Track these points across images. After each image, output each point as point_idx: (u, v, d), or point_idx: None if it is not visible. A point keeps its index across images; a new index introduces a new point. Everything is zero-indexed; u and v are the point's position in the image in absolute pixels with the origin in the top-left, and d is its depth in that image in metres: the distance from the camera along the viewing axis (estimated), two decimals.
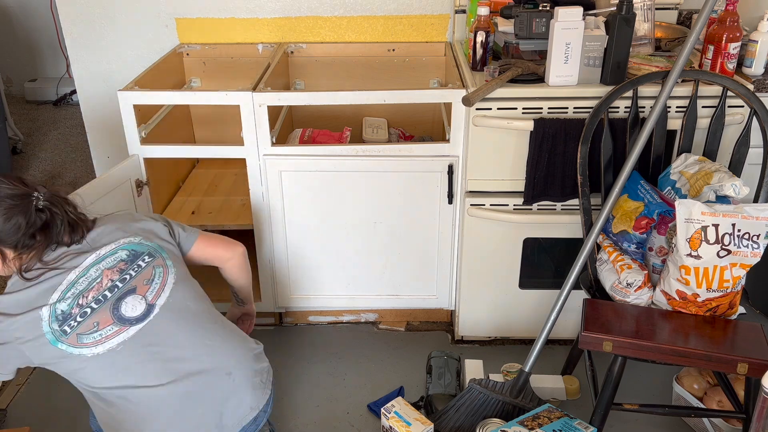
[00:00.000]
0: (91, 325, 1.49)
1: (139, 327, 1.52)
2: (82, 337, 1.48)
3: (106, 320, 1.50)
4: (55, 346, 1.47)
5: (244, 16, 2.57)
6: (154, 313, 1.54)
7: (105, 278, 1.53)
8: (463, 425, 1.92)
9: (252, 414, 1.63)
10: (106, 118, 2.73)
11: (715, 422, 1.91)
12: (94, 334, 1.49)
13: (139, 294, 1.55)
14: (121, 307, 1.52)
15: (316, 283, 2.36)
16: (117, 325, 1.51)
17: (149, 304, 1.55)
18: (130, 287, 1.55)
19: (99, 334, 1.49)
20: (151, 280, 1.58)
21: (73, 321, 1.48)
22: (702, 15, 1.80)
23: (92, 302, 1.51)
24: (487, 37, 2.10)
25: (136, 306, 1.54)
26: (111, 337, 1.50)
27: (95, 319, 1.50)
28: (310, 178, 2.17)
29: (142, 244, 1.62)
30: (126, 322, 1.51)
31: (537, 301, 2.28)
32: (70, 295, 1.50)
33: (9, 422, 2.09)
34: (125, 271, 1.56)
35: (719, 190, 1.76)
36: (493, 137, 2.03)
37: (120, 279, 1.55)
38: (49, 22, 4.76)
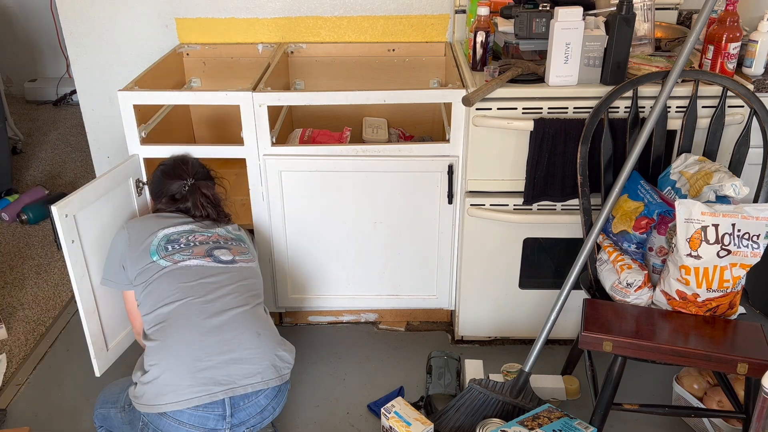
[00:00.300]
0: (188, 252, 1.86)
1: (219, 265, 1.86)
2: (175, 255, 1.84)
3: (200, 253, 1.86)
4: (152, 257, 1.84)
5: (244, 16, 2.57)
6: (233, 266, 1.88)
7: (215, 236, 1.94)
8: (463, 425, 1.92)
9: (258, 387, 1.72)
10: (106, 118, 2.73)
11: (715, 422, 1.91)
12: (185, 255, 1.85)
13: (232, 253, 1.92)
14: (215, 251, 1.89)
15: (316, 283, 2.36)
16: (206, 258, 1.86)
17: (234, 260, 1.90)
18: (228, 246, 1.93)
19: (188, 257, 1.84)
20: (243, 254, 1.94)
21: (177, 245, 1.87)
22: (702, 15, 1.80)
23: (198, 242, 1.89)
24: (487, 37, 2.10)
25: (226, 255, 1.89)
26: (195, 260, 1.84)
27: (194, 250, 1.87)
28: (310, 178, 2.17)
29: (241, 237, 2.02)
30: (214, 259, 1.87)
31: (537, 301, 2.28)
32: (185, 231, 1.91)
33: (9, 422, 2.09)
34: (229, 242, 1.95)
35: (719, 190, 1.76)
36: (493, 137, 2.03)
37: (224, 241, 1.94)
38: (49, 22, 4.76)
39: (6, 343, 2.42)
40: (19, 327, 2.51)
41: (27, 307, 2.63)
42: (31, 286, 2.76)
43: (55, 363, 2.33)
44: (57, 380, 2.25)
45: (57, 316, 2.57)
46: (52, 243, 3.07)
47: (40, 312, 2.60)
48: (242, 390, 1.70)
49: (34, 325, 2.52)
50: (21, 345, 2.41)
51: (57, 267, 2.89)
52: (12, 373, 2.28)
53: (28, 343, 2.42)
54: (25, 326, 2.51)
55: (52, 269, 2.87)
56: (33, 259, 2.95)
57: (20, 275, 2.83)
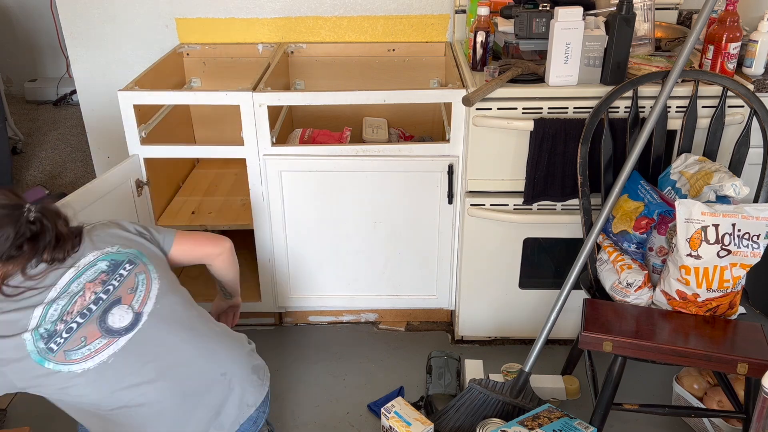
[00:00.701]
0: (79, 340, 1.45)
1: (129, 337, 1.48)
2: (70, 354, 1.44)
3: (93, 333, 1.46)
4: (41, 365, 1.42)
5: (244, 16, 2.57)
6: (142, 321, 1.51)
7: (88, 291, 1.49)
8: (463, 425, 1.92)
9: (249, 411, 1.62)
10: (106, 118, 2.73)
11: (715, 422, 1.91)
12: (82, 349, 1.45)
13: (125, 304, 1.51)
14: (107, 318, 1.48)
15: (316, 283, 2.36)
16: (105, 338, 1.47)
17: (136, 313, 1.51)
18: (114, 298, 1.50)
19: (88, 349, 1.45)
20: (135, 289, 1.54)
21: (58, 338, 1.43)
22: (702, 15, 1.80)
23: (77, 317, 1.46)
24: (487, 37, 2.10)
25: (123, 316, 1.50)
26: (101, 350, 1.46)
27: (82, 333, 1.45)
28: (310, 178, 2.17)
29: (121, 252, 1.57)
30: (114, 333, 1.48)
31: (537, 301, 2.28)
32: (53, 313, 1.45)
33: (9, 422, 2.09)
34: (107, 282, 1.51)
35: (719, 190, 1.76)
36: (493, 137, 2.03)
37: (103, 291, 1.50)
38: (49, 22, 4.76)
39: None
40: None
41: None
42: None
43: None
44: None
45: None
46: None
47: None
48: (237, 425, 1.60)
49: None
50: None
51: None
52: None
53: None
54: None
55: None
56: None
57: None
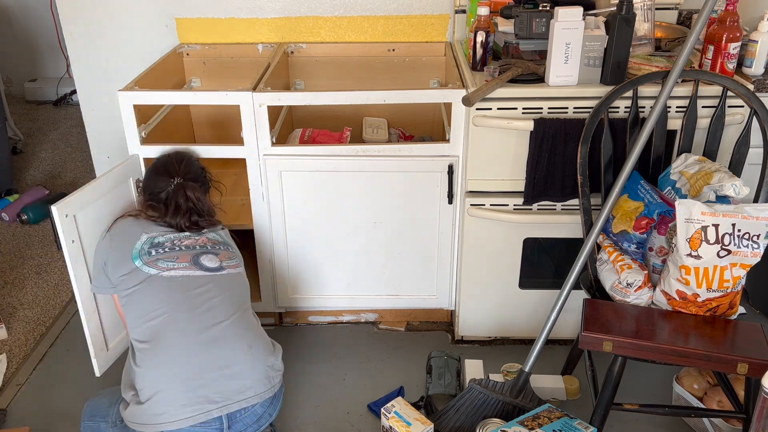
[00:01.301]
0: (173, 257, 1.79)
1: (205, 274, 1.79)
2: (159, 262, 1.77)
3: (185, 258, 1.80)
4: (133, 261, 1.77)
5: (244, 16, 2.57)
6: (221, 272, 1.82)
7: (203, 239, 1.88)
8: (463, 425, 1.92)
9: (254, 400, 1.70)
10: (106, 118, 2.73)
11: (715, 422, 1.91)
12: (169, 262, 1.78)
13: (220, 260, 1.86)
14: (201, 258, 1.82)
15: (316, 283, 2.36)
16: (191, 265, 1.79)
17: (222, 267, 1.84)
18: (215, 251, 1.87)
19: (173, 264, 1.77)
20: (231, 258, 1.89)
21: (161, 249, 1.80)
22: (702, 15, 1.80)
23: (184, 246, 1.83)
24: (487, 37, 2.10)
25: (213, 262, 1.83)
26: (180, 269, 1.77)
27: (178, 255, 1.80)
28: (311, 178, 2.17)
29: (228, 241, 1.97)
30: (199, 267, 1.80)
31: (537, 301, 2.28)
32: (170, 236, 1.84)
33: (9, 422, 2.09)
34: (217, 245, 1.89)
35: (719, 190, 1.76)
36: (493, 137, 2.03)
37: (211, 246, 1.88)
38: (49, 22, 4.76)
39: (6, 343, 2.42)
40: (19, 327, 2.51)
41: (27, 307, 2.63)
42: (31, 286, 2.76)
43: (55, 363, 2.33)
44: (57, 380, 2.25)
45: (57, 316, 2.57)
46: (52, 243, 3.07)
47: (40, 312, 2.60)
48: (237, 406, 1.68)
49: (34, 325, 2.52)
50: (21, 345, 2.41)
51: (57, 267, 2.89)
52: (12, 373, 2.28)
53: (28, 343, 2.42)
54: (25, 326, 2.51)
55: (52, 269, 2.87)
56: (33, 259, 2.95)
57: (20, 275, 2.83)
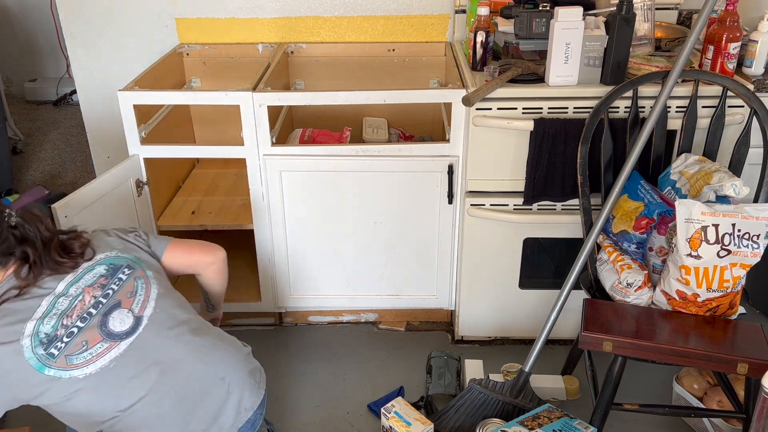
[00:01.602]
0: (80, 345, 1.44)
1: (130, 341, 1.48)
2: (72, 358, 1.43)
3: (94, 338, 1.45)
4: (41, 372, 1.40)
5: (244, 16, 2.57)
6: (142, 325, 1.51)
7: (87, 295, 1.49)
8: (463, 425, 1.92)
9: (247, 414, 1.60)
10: (106, 118, 2.73)
11: (715, 422, 1.91)
12: (84, 353, 1.44)
13: (125, 307, 1.51)
14: (108, 322, 1.48)
15: (316, 282, 2.36)
16: (107, 342, 1.46)
17: (137, 317, 1.51)
18: (114, 302, 1.51)
19: (89, 353, 1.44)
20: (134, 293, 1.54)
21: (59, 342, 1.43)
22: (702, 15, 1.80)
23: (77, 321, 1.46)
24: (487, 37, 2.10)
25: (124, 320, 1.50)
26: (102, 354, 1.45)
27: (83, 338, 1.45)
28: (310, 178, 2.17)
29: (120, 257, 1.58)
30: (116, 337, 1.47)
31: (537, 301, 2.28)
32: (52, 317, 1.44)
33: (9, 422, 2.09)
34: (107, 286, 1.52)
35: (719, 190, 1.76)
36: (493, 137, 2.03)
37: (103, 295, 1.50)
38: (49, 22, 4.76)
39: None
40: None
41: None
42: None
43: None
44: None
45: None
46: None
47: None
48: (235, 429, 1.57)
49: None
50: None
51: None
52: None
53: None
54: None
55: None
56: None
57: None
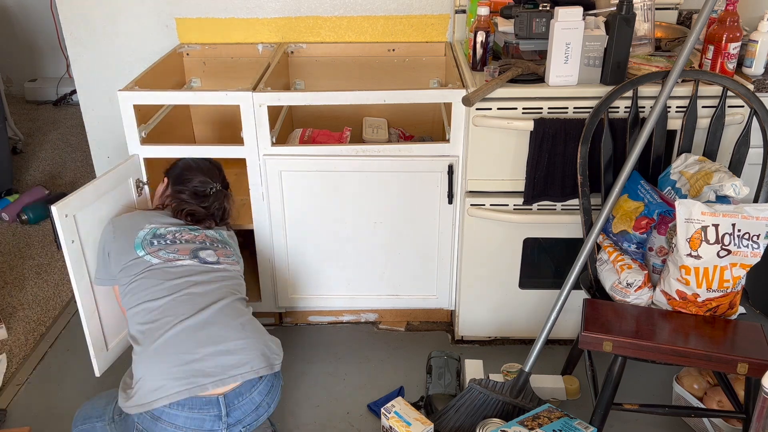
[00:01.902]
0: (174, 249, 1.87)
1: (204, 267, 1.86)
2: (161, 252, 1.85)
3: (185, 252, 1.87)
4: (137, 250, 1.86)
5: (244, 16, 2.57)
6: (218, 267, 1.89)
7: (202, 236, 1.96)
8: (463, 425, 1.92)
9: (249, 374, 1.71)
10: (106, 118, 2.73)
11: (715, 422, 1.91)
12: (171, 253, 1.86)
13: (218, 254, 1.92)
14: (200, 252, 1.90)
15: (316, 283, 2.36)
16: (190, 259, 1.86)
17: (219, 262, 1.90)
18: (213, 247, 1.94)
19: (174, 255, 1.86)
20: (227, 256, 1.95)
21: (163, 241, 1.88)
22: (702, 15, 1.80)
23: (183, 240, 1.91)
24: (487, 37, 2.10)
25: (211, 257, 1.90)
26: (180, 261, 1.85)
27: (179, 248, 1.88)
28: (311, 178, 2.17)
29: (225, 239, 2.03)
30: (198, 259, 1.88)
31: (537, 301, 2.28)
32: (171, 229, 1.93)
33: (9, 422, 2.09)
34: (215, 243, 1.96)
35: (719, 190, 1.76)
36: (493, 137, 2.03)
37: (210, 242, 1.95)
38: (49, 22, 4.76)
39: (6, 343, 2.42)
40: (19, 327, 2.51)
41: (27, 307, 2.63)
42: (31, 286, 2.76)
43: (55, 363, 2.33)
44: (57, 380, 2.25)
45: (57, 316, 2.57)
46: (52, 243, 3.07)
47: (40, 312, 2.60)
48: (232, 381, 1.68)
49: (34, 325, 2.52)
50: (21, 345, 2.41)
51: (57, 267, 2.89)
52: (12, 373, 2.28)
53: (28, 343, 2.42)
54: (25, 326, 2.51)
55: (52, 269, 2.87)
56: (33, 259, 2.95)
57: (20, 275, 2.83)
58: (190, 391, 1.65)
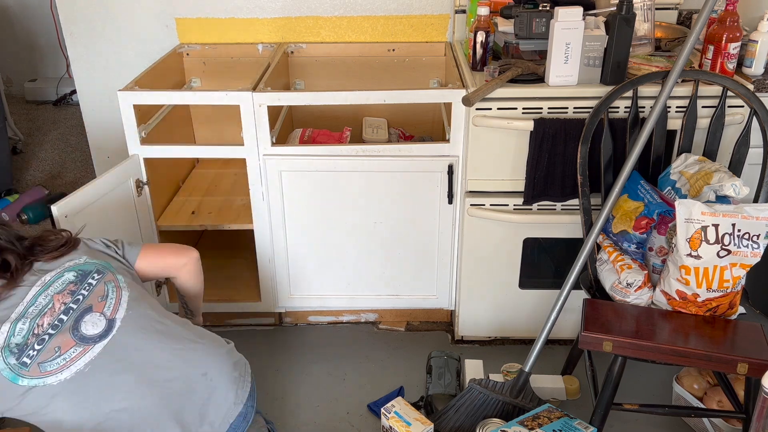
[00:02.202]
0: (53, 351, 1.40)
1: (104, 343, 1.44)
2: (45, 365, 1.39)
3: (67, 342, 1.42)
4: (15, 383, 1.37)
5: (244, 16, 2.57)
6: (116, 327, 1.47)
7: (57, 303, 1.46)
8: (463, 425, 1.92)
9: (237, 409, 1.54)
10: (106, 118, 2.73)
11: (715, 422, 1.91)
12: (57, 359, 1.40)
13: (97, 311, 1.48)
14: (80, 327, 1.45)
15: (316, 283, 2.36)
16: (80, 346, 1.43)
17: (109, 320, 1.47)
18: (85, 306, 1.47)
19: (63, 359, 1.40)
20: (105, 296, 1.51)
21: (31, 350, 1.40)
22: (702, 15, 1.80)
23: (49, 329, 1.43)
24: (487, 37, 2.10)
25: (96, 323, 1.46)
26: (76, 358, 1.41)
27: (55, 343, 1.41)
28: (311, 178, 2.17)
29: (88, 263, 1.55)
30: (89, 340, 1.44)
31: (537, 301, 2.28)
32: (21, 327, 1.41)
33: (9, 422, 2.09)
34: (76, 292, 1.49)
35: (719, 190, 1.76)
36: (493, 137, 2.03)
37: (73, 301, 1.47)
38: (49, 22, 4.76)
39: None
40: None
41: None
42: None
43: None
44: None
45: None
46: None
47: None
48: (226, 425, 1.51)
49: None
50: None
51: None
52: None
53: None
54: None
55: None
56: None
57: None
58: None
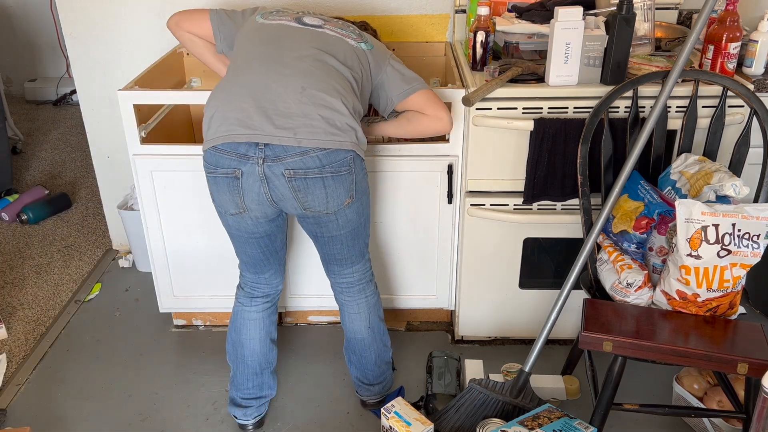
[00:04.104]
0: (279, 16, 1.85)
1: (305, 27, 1.81)
2: (270, 17, 1.85)
3: (289, 18, 1.85)
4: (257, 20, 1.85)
5: None
6: (320, 29, 1.81)
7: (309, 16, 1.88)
8: (463, 425, 1.92)
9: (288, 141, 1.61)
10: (106, 118, 2.73)
11: (715, 422, 1.91)
12: (277, 17, 1.85)
13: (324, 21, 1.86)
14: (305, 18, 1.85)
15: (316, 283, 2.36)
16: (292, 20, 1.84)
17: (321, 26, 1.83)
18: (325, 19, 1.87)
19: (277, 17, 1.85)
20: (341, 28, 1.85)
21: (272, 14, 1.87)
22: (702, 15, 1.80)
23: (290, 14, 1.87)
24: (487, 37, 2.10)
25: (315, 21, 1.84)
26: (284, 21, 1.83)
27: (286, 16, 1.86)
28: None
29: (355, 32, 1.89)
30: (298, 21, 1.83)
31: (537, 301, 2.28)
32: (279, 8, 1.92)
33: (9, 422, 2.09)
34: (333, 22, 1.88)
35: (719, 190, 1.76)
36: (493, 137, 2.03)
37: (327, 23, 1.86)
38: (49, 22, 4.76)
39: (6, 343, 2.42)
40: (19, 327, 2.51)
41: (27, 307, 2.63)
42: (31, 286, 2.76)
43: (55, 363, 2.33)
44: (57, 380, 2.25)
45: (57, 316, 2.57)
46: (51, 243, 3.07)
47: (40, 312, 2.60)
48: (268, 139, 1.62)
49: (34, 325, 2.52)
50: (21, 345, 2.41)
51: (57, 267, 2.89)
52: (12, 373, 2.28)
53: (28, 343, 2.42)
54: (25, 326, 2.51)
55: (52, 269, 2.88)
56: (33, 259, 2.95)
57: (20, 275, 2.83)
58: (224, 138, 1.68)
